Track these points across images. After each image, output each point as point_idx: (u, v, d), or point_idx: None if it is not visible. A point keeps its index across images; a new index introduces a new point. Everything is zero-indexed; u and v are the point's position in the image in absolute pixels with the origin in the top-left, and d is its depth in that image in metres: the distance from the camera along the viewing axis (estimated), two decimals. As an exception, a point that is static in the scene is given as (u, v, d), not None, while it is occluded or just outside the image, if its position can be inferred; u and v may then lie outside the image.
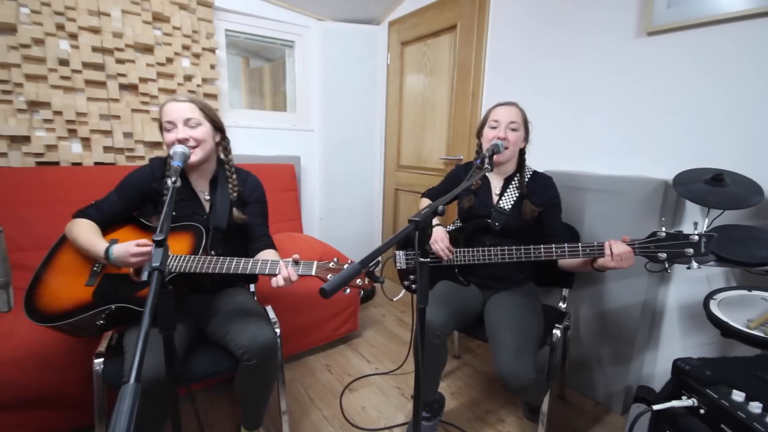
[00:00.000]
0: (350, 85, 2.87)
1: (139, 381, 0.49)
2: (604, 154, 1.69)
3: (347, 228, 3.08)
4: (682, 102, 1.44)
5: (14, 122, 1.87)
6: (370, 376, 1.82)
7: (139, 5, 2.06)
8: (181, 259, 1.07)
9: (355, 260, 0.77)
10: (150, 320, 0.57)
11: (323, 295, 0.55)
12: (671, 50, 1.44)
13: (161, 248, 0.69)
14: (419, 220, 0.73)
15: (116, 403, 0.46)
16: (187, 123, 1.09)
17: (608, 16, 1.61)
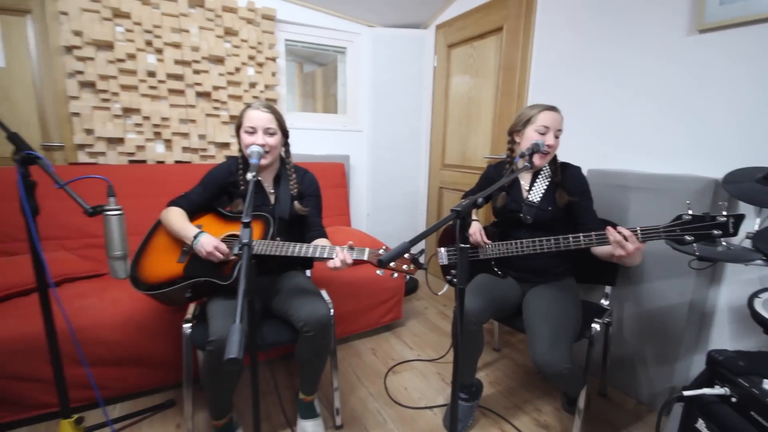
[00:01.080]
0: (398, 87, 3.00)
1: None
2: (651, 152, 1.68)
3: (392, 224, 3.21)
4: (734, 100, 1.41)
5: (111, 126, 2.20)
6: (412, 361, 1.94)
7: (213, 21, 2.33)
8: (254, 242, 1.25)
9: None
10: (246, 284, 0.73)
11: (380, 264, 0.69)
12: (723, 48, 1.42)
13: (248, 229, 0.85)
14: (460, 210, 0.83)
15: (229, 335, 0.62)
16: (266, 131, 1.28)
17: (659, 12, 1.60)
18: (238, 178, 1.36)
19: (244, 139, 1.29)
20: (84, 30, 2.03)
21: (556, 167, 1.42)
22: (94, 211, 1.03)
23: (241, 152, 1.38)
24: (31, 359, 1.38)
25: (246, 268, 0.77)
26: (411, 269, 1.15)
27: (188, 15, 2.25)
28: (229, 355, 0.60)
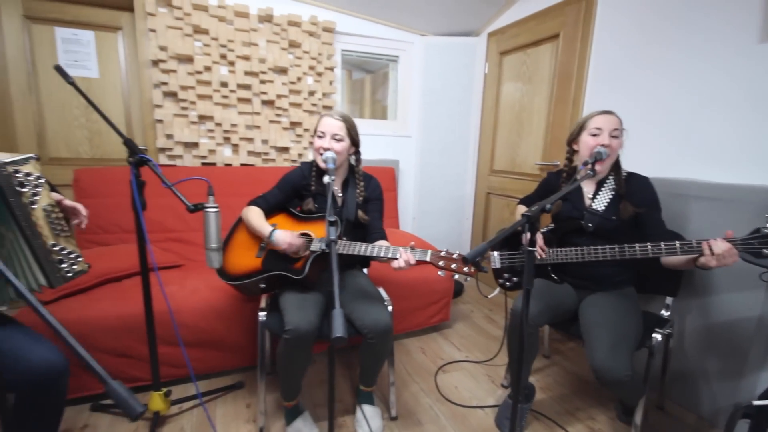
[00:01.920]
0: (448, 94, 3.06)
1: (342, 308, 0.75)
2: (716, 161, 1.63)
3: (438, 228, 3.27)
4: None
5: (188, 132, 2.43)
6: (462, 362, 1.99)
7: (279, 35, 2.51)
8: (324, 241, 1.36)
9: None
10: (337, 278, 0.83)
11: (465, 261, 0.76)
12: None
13: (333, 227, 0.95)
14: (530, 214, 0.89)
15: (332, 320, 0.71)
16: (333, 137, 1.39)
17: (728, 18, 1.56)
18: (311, 181, 1.48)
19: (315, 143, 1.41)
20: (168, 45, 2.26)
21: (620, 179, 1.42)
22: (195, 207, 1.17)
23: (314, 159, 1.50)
24: (124, 337, 1.57)
25: (335, 261, 0.87)
26: (471, 271, 1.21)
27: (257, 30, 2.45)
28: (336, 333, 0.69)
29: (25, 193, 0.99)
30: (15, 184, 0.95)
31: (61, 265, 1.09)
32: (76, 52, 2.33)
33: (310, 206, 1.47)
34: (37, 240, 1.02)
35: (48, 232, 1.05)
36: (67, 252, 1.11)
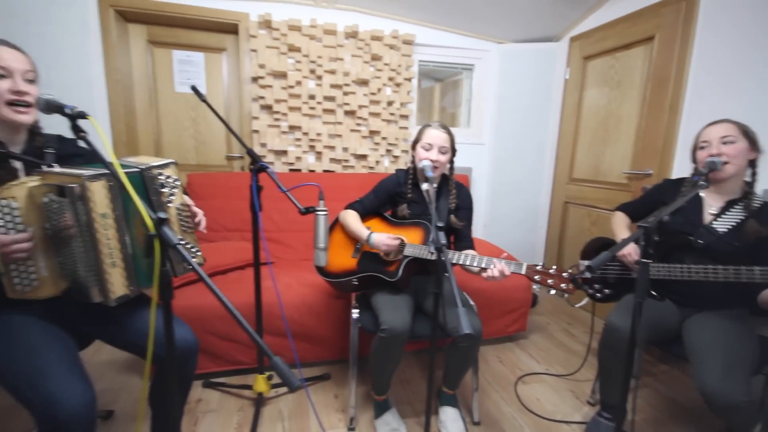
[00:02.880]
0: (523, 101, 3.02)
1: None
2: None
3: (509, 237, 3.21)
4: None
5: (278, 141, 2.65)
6: (542, 374, 1.95)
7: (362, 49, 2.65)
8: (415, 247, 1.43)
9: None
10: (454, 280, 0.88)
11: (590, 270, 0.78)
12: None
13: (441, 232, 1.01)
14: (648, 226, 0.88)
15: (458, 317, 0.77)
16: (440, 149, 1.46)
17: None
18: (406, 188, 1.56)
19: (420, 154, 1.48)
20: (266, 63, 2.50)
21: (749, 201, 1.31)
22: (306, 210, 1.30)
23: (412, 165, 1.57)
24: (231, 324, 1.75)
25: (450, 266, 0.93)
26: (569, 288, 1.19)
27: (343, 45, 2.61)
28: (465, 330, 0.75)
29: (164, 193, 1.09)
30: (157, 185, 1.07)
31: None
32: (189, 72, 2.65)
33: (405, 213, 1.55)
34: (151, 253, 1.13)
35: (177, 228, 1.18)
36: (189, 246, 1.24)
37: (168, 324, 0.84)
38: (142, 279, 1.05)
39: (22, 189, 0.88)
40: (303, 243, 2.41)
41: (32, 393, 0.87)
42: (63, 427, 0.86)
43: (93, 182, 0.88)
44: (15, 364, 0.91)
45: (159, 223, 0.78)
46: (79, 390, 0.89)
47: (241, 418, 1.57)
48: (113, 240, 0.96)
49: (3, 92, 0.93)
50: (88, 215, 0.89)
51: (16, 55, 0.96)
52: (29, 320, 1.00)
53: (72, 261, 0.95)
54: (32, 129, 1.07)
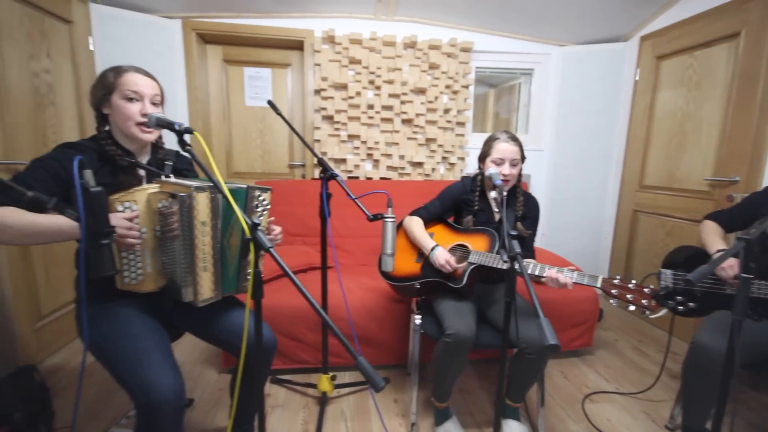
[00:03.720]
0: (586, 104, 2.89)
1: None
2: None
3: (569, 247, 3.07)
4: None
5: (338, 149, 2.75)
6: (612, 393, 1.84)
7: (420, 59, 2.70)
8: (481, 254, 1.42)
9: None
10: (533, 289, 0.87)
11: (689, 284, 0.74)
12: None
13: (515, 240, 1.01)
14: (750, 238, 0.82)
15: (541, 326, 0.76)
16: (512, 162, 1.45)
17: None
18: (472, 196, 1.56)
19: (489, 167, 1.47)
20: (329, 76, 2.62)
21: None
22: (374, 217, 1.34)
23: (480, 175, 1.57)
24: (297, 324, 1.84)
25: (527, 276, 0.92)
26: (651, 305, 1.12)
27: (401, 56, 2.67)
28: (550, 342, 0.74)
29: (257, 212, 1.19)
30: (254, 204, 1.18)
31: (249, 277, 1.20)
32: (257, 87, 2.85)
33: (470, 224, 1.54)
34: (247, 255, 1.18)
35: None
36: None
37: (258, 321, 0.92)
38: (227, 285, 1.16)
39: (143, 194, 1.01)
40: (361, 249, 2.47)
41: (131, 379, 0.98)
42: (157, 410, 0.96)
43: (199, 193, 0.99)
44: (118, 352, 1.02)
45: (254, 228, 0.85)
46: (171, 379, 0.99)
47: (306, 415, 1.64)
48: (208, 246, 1.06)
49: (134, 114, 1.08)
50: (190, 222, 1.00)
51: (147, 81, 1.11)
52: (132, 311, 1.12)
53: (172, 261, 1.06)
54: (155, 144, 1.22)
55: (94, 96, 1.10)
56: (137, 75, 1.10)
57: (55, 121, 2.02)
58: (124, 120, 1.09)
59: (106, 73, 1.10)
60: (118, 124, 1.10)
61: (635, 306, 1.13)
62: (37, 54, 1.90)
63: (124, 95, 1.08)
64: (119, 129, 1.11)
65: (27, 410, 1.40)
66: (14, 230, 0.91)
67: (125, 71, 1.10)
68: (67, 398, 1.68)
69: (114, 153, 1.09)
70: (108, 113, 1.11)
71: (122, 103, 1.08)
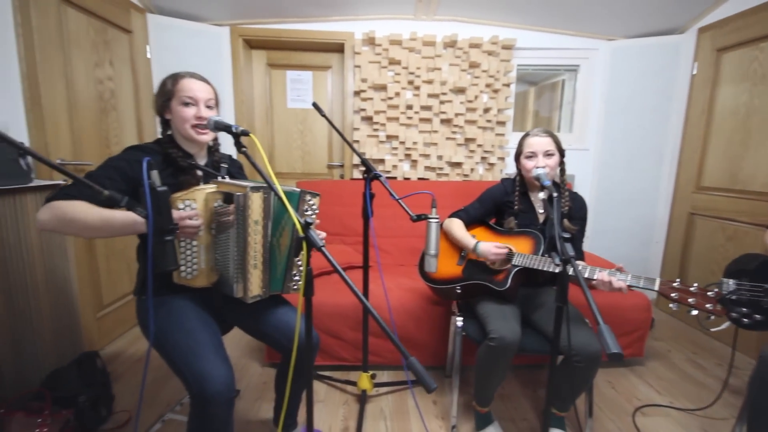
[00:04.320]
0: (637, 101, 2.74)
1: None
2: None
3: (615, 251, 2.93)
4: None
5: (376, 150, 2.77)
6: (666, 407, 1.73)
7: (459, 58, 2.66)
8: (526, 257, 1.39)
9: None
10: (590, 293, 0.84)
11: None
12: None
13: (569, 243, 0.97)
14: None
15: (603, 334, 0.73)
16: (545, 153, 1.41)
17: None
18: (513, 198, 1.53)
19: (525, 164, 1.45)
20: (368, 77, 2.65)
21: None
22: (418, 218, 1.34)
23: (518, 175, 1.54)
24: (337, 322, 1.87)
25: (582, 280, 0.89)
26: (716, 309, 1.05)
27: (441, 55, 2.65)
28: (612, 350, 0.71)
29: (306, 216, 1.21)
30: (305, 207, 1.21)
31: (294, 278, 1.23)
32: (299, 89, 2.92)
33: (512, 225, 1.51)
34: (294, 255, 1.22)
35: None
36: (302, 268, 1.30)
37: (308, 319, 0.94)
38: (274, 284, 1.19)
39: (201, 193, 1.07)
40: (399, 249, 2.48)
41: (187, 369, 1.03)
42: (210, 400, 1.00)
43: (254, 193, 1.03)
44: (175, 343, 1.08)
45: (306, 226, 0.88)
46: (223, 371, 1.03)
47: (346, 411, 1.66)
48: (258, 245, 1.10)
49: (190, 117, 1.15)
50: (244, 220, 1.04)
51: (202, 86, 1.17)
52: (187, 305, 1.18)
53: (225, 258, 1.11)
54: (211, 147, 1.30)
55: (157, 103, 1.19)
56: (192, 80, 1.17)
57: (117, 125, 2.17)
58: (182, 123, 1.16)
59: (165, 81, 1.18)
60: (177, 127, 1.18)
61: (698, 310, 1.06)
62: (101, 62, 2.05)
63: (181, 101, 1.15)
64: (179, 132, 1.19)
65: (90, 394, 1.51)
66: (85, 223, 0.98)
67: (181, 77, 1.17)
68: (125, 383, 1.80)
69: (176, 155, 1.16)
70: (169, 118, 1.19)
71: (180, 108, 1.15)
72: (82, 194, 1.01)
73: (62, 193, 1.00)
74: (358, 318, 1.86)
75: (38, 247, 1.58)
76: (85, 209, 0.99)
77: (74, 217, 0.98)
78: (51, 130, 1.75)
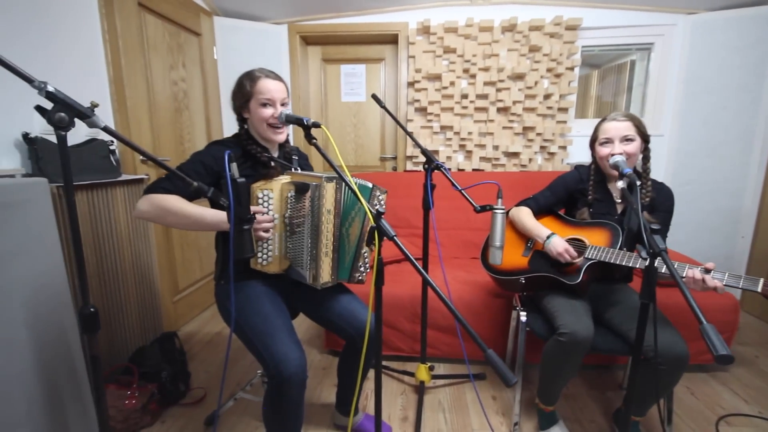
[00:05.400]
0: (722, 80, 2.47)
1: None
2: None
3: (692, 245, 2.67)
4: None
5: (430, 141, 2.74)
6: (756, 417, 1.57)
7: (519, 42, 2.55)
8: (601, 249, 1.30)
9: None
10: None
11: None
12: None
13: (658, 236, 0.90)
14: None
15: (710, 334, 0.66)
16: (624, 139, 1.31)
17: None
18: (587, 186, 1.44)
19: (599, 152, 1.35)
20: (422, 67, 2.61)
21: None
22: (482, 209, 1.30)
23: (593, 163, 1.44)
24: (395, 312, 1.88)
25: (677, 276, 0.81)
26: None
27: (499, 41, 2.55)
28: (721, 352, 0.65)
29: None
30: (374, 203, 1.23)
31: (360, 268, 1.27)
32: (353, 83, 2.95)
33: (585, 215, 1.42)
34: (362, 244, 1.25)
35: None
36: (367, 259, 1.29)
37: (378, 308, 0.95)
38: (342, 272, 1.23)
39: (277, 184, 1.12)
40: (453, 241, 2.44)
41: (265, 351, 1.08)
42: (287, 381, 1.05)
43: (328, 183, 1.07)
44: (252, 326, 1.14)
45: (378, 216, 0.88)
46: (297, 353, 1.08)
47: (404, 401, 1.68)
48: (330, 233, 1.13)
49: (267, 117, 1.20)
50: (318, 209, 1.08)
51: (278, 85, 1.21)
52: (262, 290, 1.24)
53: (298, 246, 1.15)
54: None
55: (236, 103, 1.24)
56: (269, 81, 1.20)
57: (189, 124, 2.32)
58: (260, 123, 1.21)
59: (243, 82, 1.21)
60: (255, 126, 1.24)
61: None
62: (175, 64, 2.20)
63: (260, 101, 1.19)
64: (256, 130, 1.24)
65: (170, 370, 1.65)
66: (181, 215, 1.08)
67: (258, 78, 1.19)
68: (199, 362, 1.94)
69: (255, 150, 1.22)
70: (247, 117, 1.24)
71: (259, 109, 1.20)
72: (176, 188, 1.11)
73: (158, 186, 1.10)
74: (414, 310, 1.86)
75: (126, 237, 1.74)
76: (180, 203, 1.09)
77: (173, 209, 1.08)
78: (135, 128, 1.92)
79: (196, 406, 1.64)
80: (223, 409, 1.58)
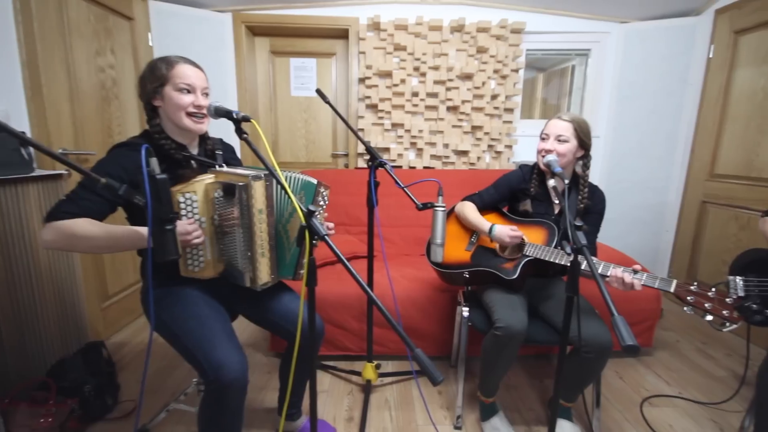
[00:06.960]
0: (650, 86, 2.67)
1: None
2: None
3: (625, 240, 2.88)
4: None
5: (381, 138, 2.73)
6: (675, 398, 1.71)
7: (467, 42, 2.60)
8: (538, 247, 1.35)
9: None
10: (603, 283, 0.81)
11: None
12: None
13: (581, 231, 0.94)
14: None
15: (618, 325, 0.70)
16: (557, 138, 1.36)
17: None
18: (529, 185, 1.48)
19: (538, 145, 1.40)
20: (373, 64, 2.59)
21: None
22: (424, 206, 1.31)
23: (536, 163, 1.49)
24: (341, 312, 1.85)
25: (596, 271, 0.85)
26: (732, 316, 1.01)
27: (448, 40, 2.59)
28: (628, 342, 0.69)
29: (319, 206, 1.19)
30: (318, 199, 1.18)
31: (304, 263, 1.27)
32: (303, 77, 2.87)
33: (527, 207, 1.46)
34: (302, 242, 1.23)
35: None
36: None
37: (311, 308, 0.92)
38: (284, 270, 1.18)
39: (200, 185, 1.04)
40: (404, 239, 2.45)
41: (203, 358, 1.01)
42: (226, 388, 0.99)
43: (256, 181, 1.01)
44: (188, 332, 1.06)
45: (309, 215, 0.85)
46: (238, 358, 1.02)
47: (350, 401, 1.66)
48: (264, 233, 1.08)
49: (187, 105, 1.08)
50: (248, 210, 1.02)
51: (198, 72, 1.11)
52: (198, 294, 1.16)
53: (231, 248, 1.09)
54: (203, 135, 1.23)
55: (145, 88, 1.09)
56: (188, 66, 1.09)
57: (119, 114, 2.15)
58: (176, 110, 1.08)
59: (157, 65, 1.07)
60: (170, 116, 1.09)
61: (713, 316, 1.03)
62: (102, 50, 2.02)
63: (177, 86, 1.07)
64: (171, 121, 1.10)
65: (95, 383, 1.51)
66: (92, 239, 0.96)
67: (176, 62, 1.08)
68: (131, 373, 1.81)
69: (169, 147, 1.11)
70: (159, 105, 1.10)
71: (175, 94, 1.07)
72: (81, 209, 0.98)
73: (60, 212, 0.96)
74: (362, 308, 1.84)
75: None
76: (89, 226, 0.97)
77: (82, 234, 0.95)
78: (53, 119, 1.74)
79: (125, 420, 1.52)
80: (155, 422, 1.47)
